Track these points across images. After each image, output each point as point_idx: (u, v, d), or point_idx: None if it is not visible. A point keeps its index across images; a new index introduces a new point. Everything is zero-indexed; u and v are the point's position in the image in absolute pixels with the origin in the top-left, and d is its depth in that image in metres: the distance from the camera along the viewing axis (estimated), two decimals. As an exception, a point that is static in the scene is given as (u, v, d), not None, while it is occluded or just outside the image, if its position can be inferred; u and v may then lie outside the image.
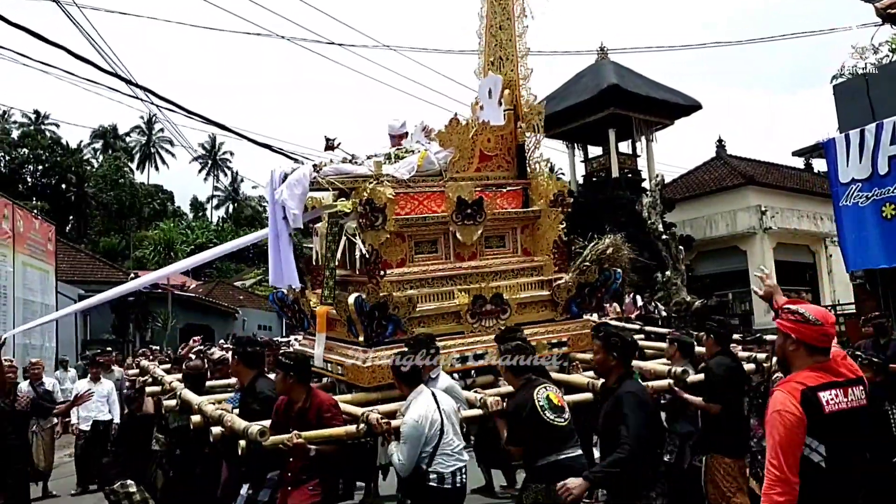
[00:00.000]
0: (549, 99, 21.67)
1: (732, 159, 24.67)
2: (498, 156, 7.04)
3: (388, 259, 6.18)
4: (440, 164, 6.70)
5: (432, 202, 6.53)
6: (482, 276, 6.47)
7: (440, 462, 4.51)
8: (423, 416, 4.51)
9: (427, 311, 6.10)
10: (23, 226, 16.00)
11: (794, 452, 2.91)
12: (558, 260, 6.84)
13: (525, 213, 6.95)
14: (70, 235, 39.25)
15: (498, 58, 7.30)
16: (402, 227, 6.25)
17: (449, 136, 6.86)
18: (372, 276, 5.98)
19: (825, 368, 3.04)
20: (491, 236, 6.80)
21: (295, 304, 7.06)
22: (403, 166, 6.55)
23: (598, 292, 6.94)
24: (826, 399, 2.94)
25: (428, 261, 6.45)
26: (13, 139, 46.06)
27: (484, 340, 6.19)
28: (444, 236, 6.51)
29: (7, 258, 14.84)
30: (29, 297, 15.94)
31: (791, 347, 3.10)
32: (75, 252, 26.34)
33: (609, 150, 20.77)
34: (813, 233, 23.02)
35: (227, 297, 36.19)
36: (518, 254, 6.93)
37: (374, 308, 5.83)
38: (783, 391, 2.99)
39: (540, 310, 6.65)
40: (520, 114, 7.11)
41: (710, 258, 21.90)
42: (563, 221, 6.94)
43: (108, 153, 55.80)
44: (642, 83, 20.75)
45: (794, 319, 3.10)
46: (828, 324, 3.10)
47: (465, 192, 6.44)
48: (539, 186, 6.99)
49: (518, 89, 7.14)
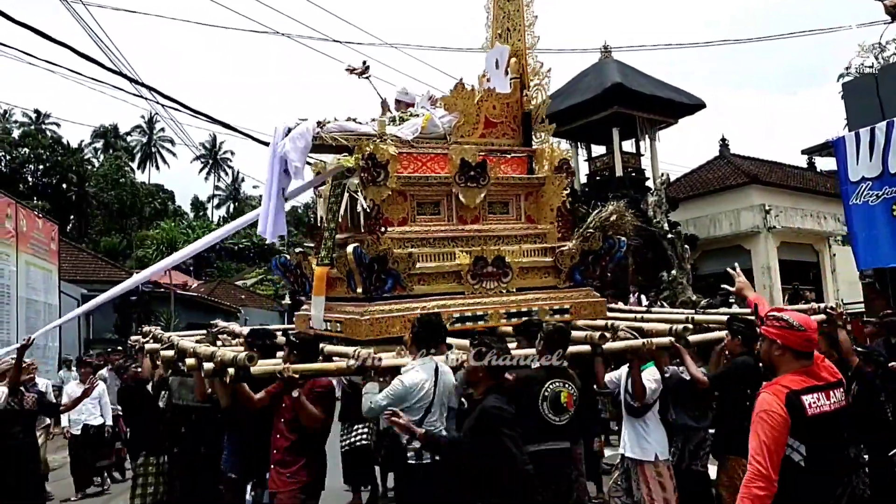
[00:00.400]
0: (552, 97, 21.61)
1: (736, 158, 24.64)
2: (503, 123, 7.08)
3: (390, 217, 6.21)
4: (444, 128, 6.75)
5: (436, 164, 6.57)
6: (484, 239, 6.49)
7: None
8: (415, 385, 4.46)
9: (427, 269, 6.14)
10: (26, 225, 15.96)
11: (778, 452, 3.05)
12: (562, 227, 6.85)
13: (529, 179, 6.96)
14: (71, 235, 39.18)
15: (505, 29, 7.39)
16: (405, 185, 6.29)
17: (454, 100, 6.93)
18: (372, 232, 6.02)
19: (808, 372, 3.19)
20: (495, 202, 6.82)
21: (297, 269, 7.08)
22: (407, 127, 6.62)
23: (602, 260, 6.90)
24: (809, 402, 3.09)
25: (430, 221, 6.49)
26: (14, 138, 45.98)
27: (484, 302, 6.22)
28: (446, 198, 6.54)
29: (10, 257, 14.79)
30: (32, 297, 15.90)
31: (777, 353, 3.24)
32: (78, 252, 26.30)
33: (613, 150, 20.72)
34: (817, 232, 22.98)
35: (229, 297, 36.13)
36: (521, 220, 6.93)
37: (374, 260, 5.84)
38: (769, 393, 3.13)
39: (543, 276, 6.66)
40: (526, 82, 7.14)
41: (714, 257, 21.84)
42: (567, 188, 6.93)
43: (108, 153, 55.74)
44: (646, 82, 20.70)
45: (779, 326, 3.25)
46: (811, 329, 3.25)
47: (468, 154, 6.45)
48: (544, 154, 7.01)
49: (525, 58, 7.20)
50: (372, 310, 5.82)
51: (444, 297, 6.12)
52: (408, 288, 6.00)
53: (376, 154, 6.01)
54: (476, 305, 6.17)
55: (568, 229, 6.89)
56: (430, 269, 6.17)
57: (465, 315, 6.06)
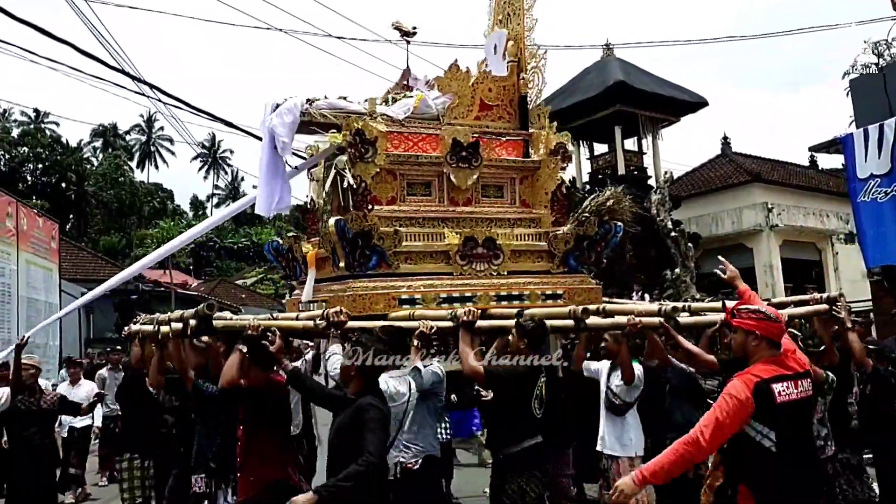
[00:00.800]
0: (554, 95, 21.55)
1: (738, 156, 24.57)
2: (499, 106, 6.99)
3: (378, 195, 6.14)
4: (438, 109, 6.66)
5: (427, 144, 6.49)
6: (476, 221, 6.41)
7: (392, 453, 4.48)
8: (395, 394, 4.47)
9: (415, 247, 6.06)
10: (26, 224, 15.86)
11: (724, 433, 3.21)
12: (557, 212, 6.74)
13: (524, 162, 6.85)
14: (70, 234, 39.07)
15: (506, 14, 7.32)
16: (394, 164, 6.22)
17: (448, 81, 6.83)
18: (359, 208, 5.93)
19: (778, 362, 3.35)
20: (488, 185, 6.73)
21: (289, 253, 7.00)
22: (399, 107, 6.55)
23: (598, 246, 6.78)
24: (778, 390, 3.24)
25: (420, 202, 6.41)
26: (13, 137, 45.87)
27: (473, 284, 6.12)
28: (438, 179, 6.47)
29: (11, 256, 14.70)
30: (33, 296, 15.80)
31: (754, 343, 3.38)
32: (78, 250, 26.23)
33: (615, 148, 20.64)
34: (819, 230, 22.91)
35: (229, 296, 36.07)
36: (516, 204, 6.84)
37: (358, 236, 5.77)
38: (740, 380, 3.28)
39: (536, 260, 6.55)
40: (523, 66, 7.05)
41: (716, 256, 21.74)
42: (563, 170, 6.82)
43: (108, 152, 55.67)
44: (649, 80, 20.61)
45: (756, 317, 3.41)
46: (782, 321, 3.52)
47: (460, 134, 6.36)
48: (540, 137, 6.89)
49: (523, 41, 7.12)
50: (355, 286, 5.74)
51: (431, 276, 6.02)
52: (394, 266, 5.92)
53: (364, 130, 5.95)
54: (464, 286, 6.09)
55: (563, 214, 6.78)
56: (418, 248, 6.08)
57: (453, 296, 5.96)
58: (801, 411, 3.37)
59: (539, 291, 6.31)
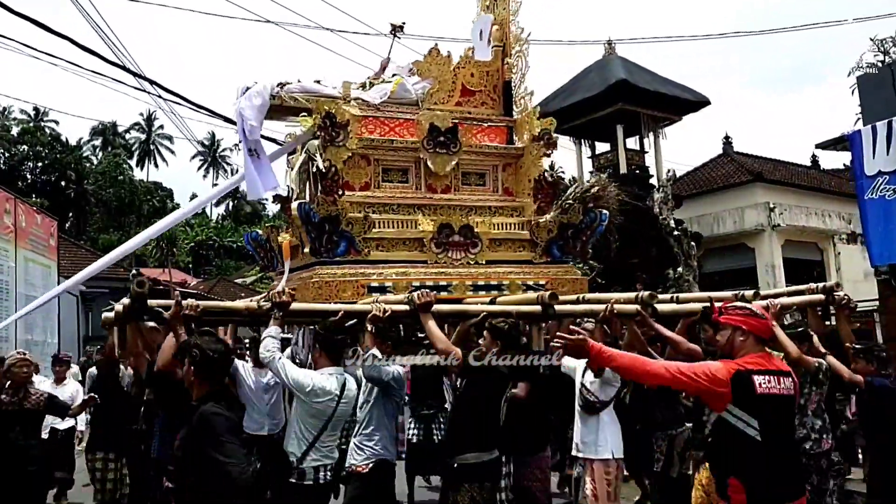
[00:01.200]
0: (555, 94, 21.47)
1: (739, 156, 24.49)
2: (482, 91, 6.82)
3: (351, 181, 5.98)
4: (417, 94, 6.48)
5: (405, 129, 6.31)
6: (455, 209, 6.22)
7: (310, 456, 4.19)
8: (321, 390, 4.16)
9: (387, 234, 5.90)
10: (25, 221, 15.77)
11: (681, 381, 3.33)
12: (542, 200, 6.52)
13: (506, 149, 6.66)
14: (69, 233, 38.97)
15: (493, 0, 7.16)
16: (368, 148, 6.06)
17: (428, 66, 6.66)
18: (328, 193, 5.75)
19: (763, 357, 3.43)
20: (470, 172, 6.57)
21: (267, 244, 6.85)
22: (376, 91, 6.38)
23: (583, 234, 6.57)
24: (759, 381, 3.29)
25: (396, 188, 6.25)
26: (13, 136, 45.78)
27: (449, 273, 5.95)
28: (415, 165, 6.30)
29: (9, 253, 14.60)
30: (31, 293, 15.69)
31: (741, 339, 3.45)
32: (76, 248, 26.10)
33: (617, 147, 20.55)
34: (822, 230, 22.85)
35: (228, 294, 35.86)
36: (499, 192, 6.66)
37: (325, 220, 5.61)
38: (722, 362, 3.39)
39: (517, 249, 6.37)
40: (508, 51, 6.87)
41: (718, 256, 21.70)
42: (547, 156, 6.62)
43: (107, 150, 55.55)
44: (651, 78, 20.50)
45: (743, 314, 3.50)
46: (768, 318, 3.65)
47: (438, 119, 6.19)
48: (524, 123, 6.70)
49: (508, 26, 6.95)
50: (321, 273, 5.56)
51: (404, 264, 5.84)
52: (364, 253, 5.75)
53: (335, 114, 5.78)
54: (439, 275, 5.91)
55: (548, 202, 6.54)
56: (390, 235, 5.92)
57: (427, 285, 5.73)
58: (783, 407, 3.40)
59: (520, 281, 6.11)
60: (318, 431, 4.16)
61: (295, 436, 4.21)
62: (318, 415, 4.18)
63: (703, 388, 3.31)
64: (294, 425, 4.25)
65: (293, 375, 4.17)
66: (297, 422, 4.24)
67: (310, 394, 4.14)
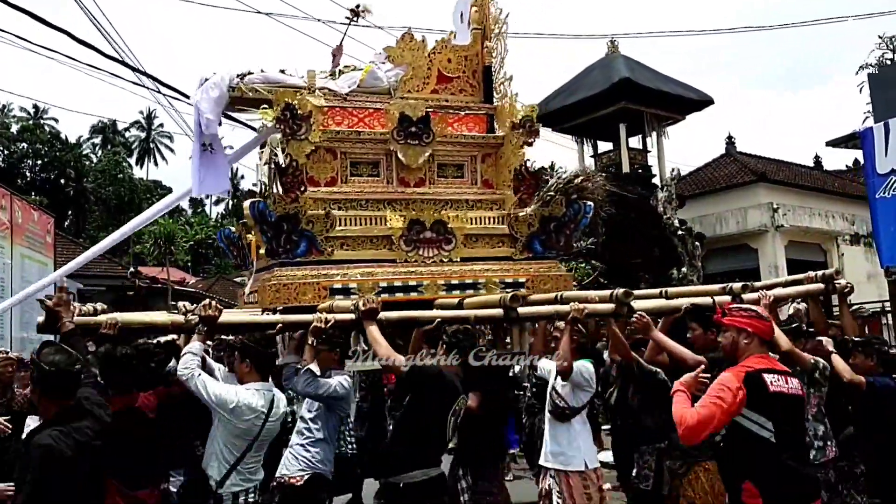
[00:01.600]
0: (558, 93, 21.32)
1: (742, 156, 24.34)
2: (460, 77, 6.46)
3: (316, 176, 5.68)
4: (389, 82, 6.11)
5: (375, 119, 5.98)
6: (429, 203, 5.89)
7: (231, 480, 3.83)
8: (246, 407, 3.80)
9: (351, 231, 5.56)
10: (21, 217, 15.60)
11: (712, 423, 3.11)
12: (524, 192, 6.17)
13: (485, 138, 6.29)
14: (69, 231, 38.85)
15: None
16: (334, 141, 5.74)
17: (400, 51, 6.29)
18: (290, 190, 5.43)
19: (765, 359, 3.40)
20: (447, 164, 6.22)
21: (240, 241, 6.59)
22: (344, 80, 6.03)
23: (567, 228, 6.21)
24: (770, 380, 3.24)
25: (366, 182, 5.90)
26: (12, 133, 45.63)
27: (421, 272, 5.60)
28: (386, 157, 5.96)
29: (5, 249, 14.44)
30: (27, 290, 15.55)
31: (745, 340, 3.40)
32: (74, 246, 25.92)
33: (619, 146, 20.39)
34: (825, 231, 22.69)
35: (227, 293, 35.73)
36: (477, 185, 6.29)
37: (283, 219, 5.30)
38: (730, 372, 3.29)
39: (495, 245, 6.03)
40: (488, 33, 6.49)
41: (720, 256, 21.54)
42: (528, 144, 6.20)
43: (107, 148, 55.39)
44: (654, 77, 20.36)
45: (748, 316, 3.45)
46: (772, 320, 3.67)
47: (410, 108, 5.85)
48: (504, 111, 6.32)
49: (487, 7, 6.59)
50: (280, 275, 5.26)
51: (370, 264, 5.52)
52: (326, 252, 5.45)
53: (296, 105, 5.45)
54: (409, 275, 5.57)
55: (530, 195, 6.20)
56: (355, 232, 5.59)
57: (395, 285, 5.46)
58: (794, 407, 3.35)
59: (497, 279, 5.77)
60: (241, 453, 3.83)
61: (215, 457, 3.86)
62: (242, 434, 3.83)
63: (735, 408, 3.17)
64: (214, 445, 3.89)
65: (215, 392, 3.80)
66: (217, 441, 3.87)
67: (234, 411, 3.79)
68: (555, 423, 4.79)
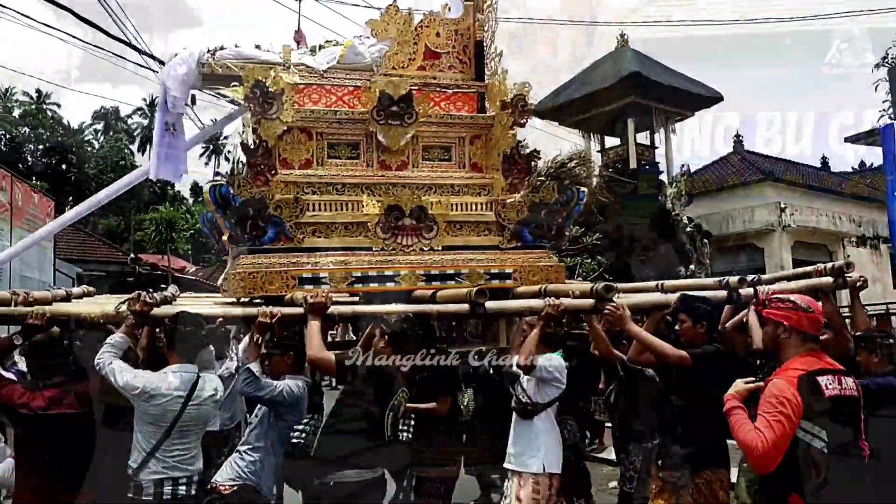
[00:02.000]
0: (566, 86, 21.11)
1: (750, 155, 24.15)
2: (450, 54, 6.06)
3: (289, 158, 5.36)
4: (372, 58, 5.73)
5: (356, 98, 5.62)
6: (410, 188, 5.53)
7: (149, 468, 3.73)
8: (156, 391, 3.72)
9: (322, 217, 5.23)
10: (21, 200, 15.44)
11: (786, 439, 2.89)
12: (514, 177, 5.82)
13: (473, 118, 5.90)
14: (69, 216, 38.59)
15: None
16: (309, 121, 5.41)
17: (384, 25, 5.87)
18: (258, 173, 5.13)
19: (816, 356, 3.10)
20: (433, 146, 5.85)
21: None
22: (323, 56, 5.69)
23: (558, 215, 5.82)
24: (825, 383, 2.98)
25: (344, 165, 5.56)
26: (14, 118, 45.40)
27: (399, 261, 5.28)
28: (367, 139, 5.59)
29: (4, 232, 14.29)
30: (27, 274, 15.38)
31: (784, 335, 3.13)
32: (75, 231, 25.74)
33: (627, 141, 20.20)
34: (832, 232, 22.55)
35: (227, 283, 35.63)
36: (465, 168, 5.91)
37: (247, 204, 4.97)
38: (781, 379, 2.99)
39: (481, 233, 5.65)
40: (480, 5, 6.09)
41: (726, 255, 21.38)
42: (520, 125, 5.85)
43: (109, 134, 55.15)
44: (663, 72, 20.14)
45: (785, 307, 3.16)
46: (818, 311, 3.20)
47: (391, 86, 5.44)
48: (495, 89, 5.93)
49: None
50: (245, 263, 4.98)
51: (344, 252, 5.19)
52: (296, 240, 5.15)
53: (266, 82, 5.13)
54: (386, 264, 5.25)
55: (521, 180, 5.85)
56: (326, 219, 5.26)
57: (370, 275, 5.17)
58: (851, 410, 3.06)
59: (482, 270, 5.43)
60: (156, 439, 3.73)
61: (135, 445, 3.80)
62: (156, 420, 3.74)
63: (798, 420, 2.94)
64: (135, 434, 3.82)
65: (124, 379, 3.75)
66: (136, 429, 3.82)
67: (140, 395, 3.72)
68: (520, 421, 4.55)
